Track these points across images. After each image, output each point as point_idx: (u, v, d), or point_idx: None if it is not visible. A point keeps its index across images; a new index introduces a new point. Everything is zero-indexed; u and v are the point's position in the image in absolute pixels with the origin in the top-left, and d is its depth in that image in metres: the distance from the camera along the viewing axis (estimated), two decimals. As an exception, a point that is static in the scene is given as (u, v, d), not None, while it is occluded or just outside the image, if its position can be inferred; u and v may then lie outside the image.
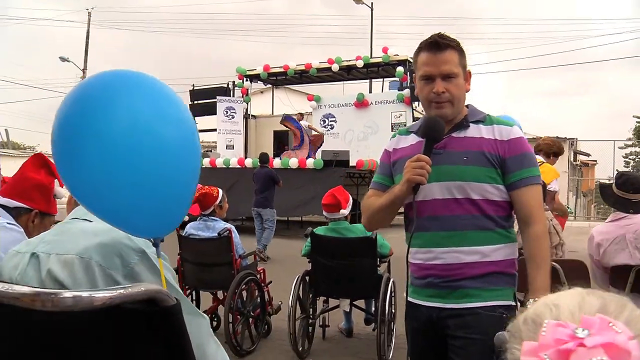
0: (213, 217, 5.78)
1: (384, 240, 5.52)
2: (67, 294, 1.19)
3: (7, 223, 2.71)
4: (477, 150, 2.41)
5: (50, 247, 1.72)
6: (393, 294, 5.51)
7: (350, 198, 5.75)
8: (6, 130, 52.60)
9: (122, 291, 1.23)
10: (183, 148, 1.37)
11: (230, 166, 18.09)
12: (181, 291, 1.73)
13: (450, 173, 2.41)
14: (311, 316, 5.71)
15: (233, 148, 20.80)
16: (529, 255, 2.39)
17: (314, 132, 19.38)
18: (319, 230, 5.62)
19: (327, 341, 6.16)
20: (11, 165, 25.36)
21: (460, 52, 2.44)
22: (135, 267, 1.64)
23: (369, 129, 19.56)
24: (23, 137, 47.53)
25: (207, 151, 20.96)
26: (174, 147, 1.34)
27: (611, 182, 4.72)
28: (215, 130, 21.76)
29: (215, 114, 21.18)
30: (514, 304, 2.44)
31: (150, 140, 1.29)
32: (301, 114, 20.05)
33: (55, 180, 2.98)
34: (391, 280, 5.47)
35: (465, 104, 2.56)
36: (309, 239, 5.57)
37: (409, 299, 2.59)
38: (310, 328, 5.74)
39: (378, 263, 5.51)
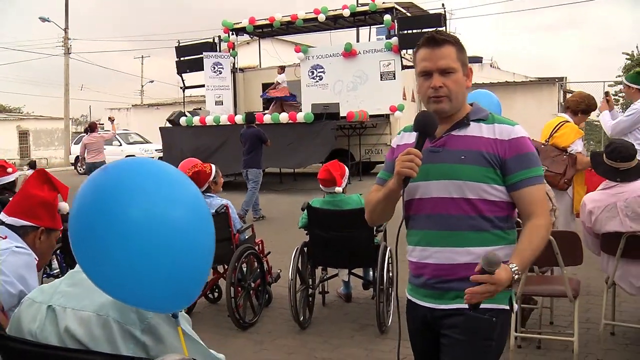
0: (209, 194, 5.83)
1: None
2: None
3: (16, 247, 2.75)
4: (475, 150, 2.39)
5: (66, 300, 1.73)
6: (390, 262, 5.63)
7: (347, 170, 5.80)
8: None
9: None
10: (197, 230, 1.42)
11: (221, 123, 18.02)
12: (200, 341, 1.77)
13: (448, 172, 2.39)
14: (311, 286, 5.83)
15: (222, 104, 20.68)
16: (525, 235, 2.35)
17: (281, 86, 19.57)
18: (315, 203, 5.69)
19: (327, 307, 6.31)
20: (9, 127, 25.04)
21: (459, 47, 2.43)
22: (151, 320, 1.65)
23: (358, 78, 19.43)
24: (9, 99, 46.99)
25: (196, 109, 20.86)
26: (189, 230, 1.39)
27: (602, 151, 4.79)
28: (203, 86, 21.62)
29: (202, 69, 20.99)
30: (507, 308, 2.42)
31: (166, 226, 1.34)
32: (282, 67, 20.06)
33: (58, 194, 3.02)
34: (388, 249, 5.58)
35: (470, 102, 2.55)
36: (305, 212, 5.64)
37: (408, 296, 2.63)
38: (310, 298, 5.87)
39: (374, 232, 5.61)
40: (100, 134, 15.27)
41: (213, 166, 5.96)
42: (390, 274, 5.63)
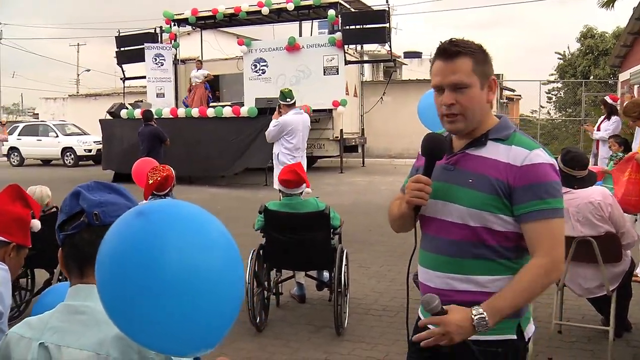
0: (168, 197, 5.74)
1: (335, 212, 5.65)
2: None
3: None
4: (484, 174, 2.18)
5: (59, 337, 1.64)
6: (346, 264, 5.69)
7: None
8: None
9: None
10: (231, 278, 1.42)
11: (163, 116, 17.76)
12: None
13: (454, 195, 2.23)
14: (267, 288, 5.83)
15: (164, 96, 20.41)
16: (515, 278, 2.15)
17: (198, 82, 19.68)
18: (272, 206, 5.68)
19: (281, 309, 6.31)
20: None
21: (477, 58, 2.20)
22: None
23: (301, 73, 19.46)
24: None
25: (137, 101, 20.50)
26: (223, 279, 1.39)
27: (556, 157, 4.94)
28: (144, 77, 21.27)
29: (143, 60, 20.66)
30: (515, 337, 2.24)
31: (202, 275, 1.34)
32: (199, 61, 20.34)
33: (31, 212, 2.96)
34: (345, 251, 5.64)
35: (499, 114, 2.36)
36: (261, 214, 5.63)
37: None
38: (266, 300, 5.87)
39: (331, 235, 5.65)
40: None
41: (171, 168, 5.85)
42: (346, 276, 5.68)
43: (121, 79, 22.44)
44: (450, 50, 2.18)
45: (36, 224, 3.19)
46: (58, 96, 39.47)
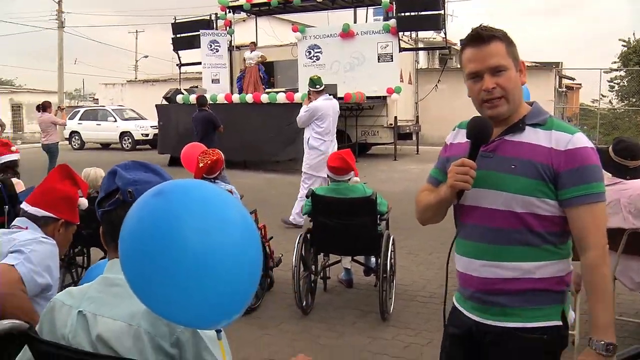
0: (218, 181, 5.83)
1: (382, 198, 5.65)
2: None
3: (42, 237, 2.81)
4: (528, 159, 2.17)
5: (96, 306, 1.72)
6: (393, 250, 5.69)
7: None
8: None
9: None
10: (248, 252, 1.45)
11: (218, 102, 17.94)
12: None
13: (496, 181, 2.20)
14: (313, 272, 5.88)
15: (219, 82, 20.64)
16: (587, 286, 2.17)
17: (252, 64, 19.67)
18: (320, 191, 5.73)
19: (328, 293, 6.37)
20: (2, 100, 24.73)
21: (508, 41, 2.21)
22: (180, 335, 1.64)
23: (355, 60, 19.39)
24: (1, 71, 46.73)
25: (192, 87, 20.78)
26: (240, 253, 1.42)
27: (607, 146, 4.82)
28: (199, 63, 21.55)
29: (199, 47, 20.93)
30: (560, 323, 2.24)
31: (219, 249, 1.38)
32: (253, 43, 20.30)
33: (79, 190, 3.07)
34: (392, 237, 5.64)
35: (531, 100, 2.34)
36: (309, 199, 5.68)
37: (455, 303, 2.47)
38: (313, 284, 5.92)
39: (378, 221, 5.66)
40: (49, 115, 14.96)
41: (220, 152, 5.95)
42: (392, 262, 5.69)
43: (177, 65, 22.78)
44: (484, 35, 2.18)
45: (83, 202, 3.31)
46: (117, 82, 40.33)
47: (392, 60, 18.84)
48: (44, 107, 14.93)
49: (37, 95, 41.37)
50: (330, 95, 10.09)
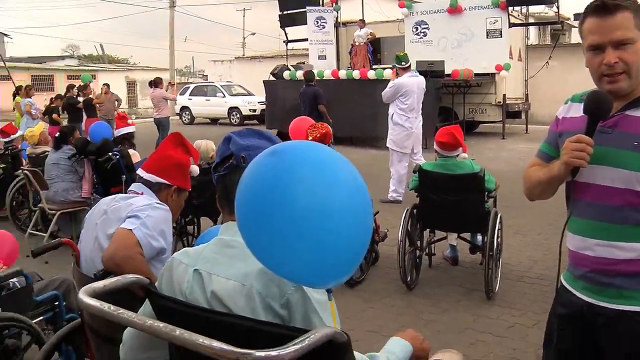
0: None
1: (490, 175, 5.56)
2: (261, 354, 1.29)
3: (156, 203, 2.96)
4: None
5: (211, 266, 1.79)
6: (500, 228, 5.60)
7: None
8: (101, 45, 54.36)
9: (308, 343, 1.33)
10: (359, 213, 1.48)
11: (325, 78, 18.04)
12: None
13: (616, 158, 2.10)
14: (419, 248, 5.87)
15: (325, 58, 20.74)
16: None
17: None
18: (427, 166, 5.69)
19: (433, 269, 6.35)
20: (107, 78, 26.15)
21: (636, 11, 2.06)
22: (290, 297, 1.67)
23: (463, 35, 18.95)
24: (117, 50, 48.85)
25: (299, 63, 20.99)
26: (352, 213, 1.46)
27: None
28: (306, 40, 21.72)
29: (305, 23, 21.08)
30: None
31: (332, 209, 1.42)
32: (362, 20, 20.01)
33: (190, 158, 3.20)
34: (499, 215, 5.55)
35: None
36: (416, 174, 5.66)
37: (563, 282, 2.38)
38: (418, 259, 5.92)
39: (486, 198, 5.57)
40: (160, 91, 15.55)
41: (329, 126, 6.01)
42: (499, 240, 5.59)
43: (284, 41, 23.03)
44: (609, 4, 2.04)
45: (195, 169, 3.44)
46: (225, 59, 41.28)
47: (501, 36, 18.28)
48: (155, 83, 15.61)
49: (150, 72, 43.02)
50: (416, 72, 10.26)
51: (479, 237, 5.92)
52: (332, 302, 1.65)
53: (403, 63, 9.68)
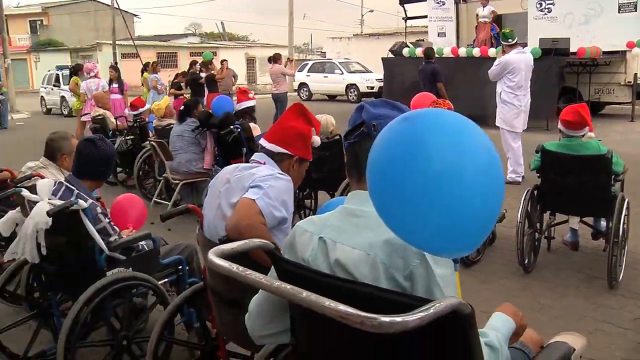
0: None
1: (618, 157, 5.29)
2: (385, 319, 1.29)
3: (278, 173, 3.02)
4: None
5: (336, 234, 1.82)
6: (627, 214, 5.33)
7: None
8: (222, 23, 55.85)
9: (433, 311, 1.32)
10: (491, 182, 1.47)
11: (444, 56, 17.73)
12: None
13: None
14: (538, 231, 5.70)
15: (445, 36, 20.38)
16: None
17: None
18: (550, 146, 5.48)
19: (552, 253, 6.15)
20: (227, 55, 26.85)
21: None
22: (414, 269, 1.67)
23: (591, 11, 17.98)
24: (237, 28, 50.00)
25: (418, 40, 20.74)
26: (484, 182, 1.44)
27: None
28: (425, 17, 21.41)
29: (424, 0, 20.77)
30: None
31: (465, 177, 1.41)
32: None
33: (312, 129, 3.24)
34: (626, 200, 5.28)
35: None
36: (538, 154, 5.48)
37: None
38: (537, 242, 5.75)
39: (612, 181, 5.32)
40: (279, 66, 15.83)
41: (450, 103, 5.91)
42: (625, 226, 5.33)
43: (403, 18, 22.82)
44: None
45: (316, 139, 3.48)
46: (343, 36, 41.39)
47: (635, 10, 17.20)
48: (274, 59, 15.95)
49: (269, 49, 43.72)
50: (522, 48, 10.06)
51: (603, 223, 5.67)
52: (457, 272, 1.65)
53: (509, 40, 9.49)
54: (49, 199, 3.59)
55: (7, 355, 4.02)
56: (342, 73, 28.00)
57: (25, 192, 3.75)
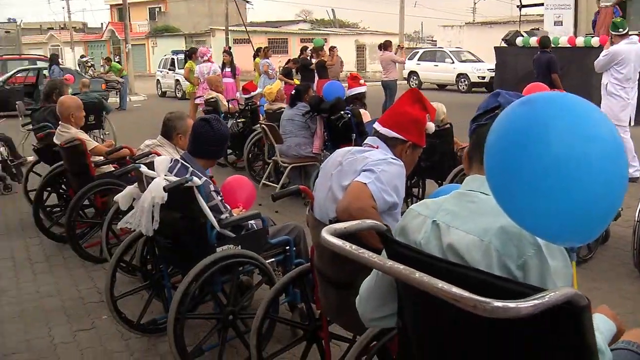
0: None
1: None
2: (499, 304, 1.25)
3: (391, 158, 3.00)
4: None
5: (450, 218, 1.80)
6: None
7: None
8: (332, 9, 56.11)
9: (547, 300, 1.27)
10: (615, 169, 1.41)
11: (560, 45, 17.07)
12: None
13: None
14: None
15: (562, 25, 19.58)
16: None
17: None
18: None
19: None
20: (337, 42, 26.98)
21: None
22: (528, 259, 1.63)
23: None
24: (347, 15, 50.07)
25: (533, 29, 20.08)
26: (608, 169, 1.38)
27: None
28: (541, 4, 20.66)
29: (542, -13, 20.07)
30: None
31: (587, 163, 1.36)
32: None
33: (427, 115, 3.20)
34: None
35: None
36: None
37: None
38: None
39: None
40: (389, 54, 15.76)
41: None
42: None
43: (518, 6, 22.13)
44: None
45: (431, 126, 3.43)
46: (455, 24, 40.69)
47: None
48: (385, 46, 15.95)
49: (379, 37, 43.68)
50: (634, 38, 9.37)
51: None
52: (573, 262, 1.59)
53: (620, 30, 9.01)
54: (165, 175, 3.73)
55: (122, 320, 4.25)
56: (453, 62, 27.54)
57: (144, 168, 3.92)
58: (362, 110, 7.49)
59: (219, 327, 3.75)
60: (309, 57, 16.51)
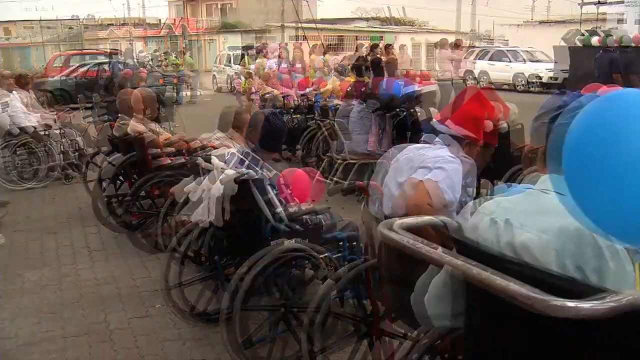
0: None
1: None
2: (570, 304, 1.24)
3: (449, 156, 2.98)
4: None
5: (511, 216, 1.77)
6: None
7: None
8: (388, 7, 55.79)
9: (624, 302, 1.25)
10: None
11: (623, 44, 16.58)
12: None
13: None
14: None
15: (625, 22, 19.18)
16: None
17: None
18: None
19: None
20: (405, 39, 26.86)
21: None
22: (588, 261, 1.57)
23: None
24: (417, 13, 49.57)
25: (594, 28, 19.63)
26: None
27: None
28: (604, 3, 20.19)
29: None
30: None
31: None
32: None
33: (501, 114, 3.17)
34: None
35: None
36: None
37: None
38: None
39: None
40: (447, 52, 15.95)
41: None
42: None
43: (578, 4, 21.68)
44: None
45: (489, 124, 3.39)
46: (513, 22, 40.03)
47: None
48: (441, 44, 15.94)
49: (435, 35, 43.22)
50: None
51: None
52: (637, 263, 1.54)
53: None
54: (235, 168, 3.78)
55: (189, 308, 4.35)
56: (510, 61, 26.94)
57: (215, 160, 3.97)
58: (431, 109, 7.41)
59: (272, 319, 3.78)
60: (378, 55, 16.53)
